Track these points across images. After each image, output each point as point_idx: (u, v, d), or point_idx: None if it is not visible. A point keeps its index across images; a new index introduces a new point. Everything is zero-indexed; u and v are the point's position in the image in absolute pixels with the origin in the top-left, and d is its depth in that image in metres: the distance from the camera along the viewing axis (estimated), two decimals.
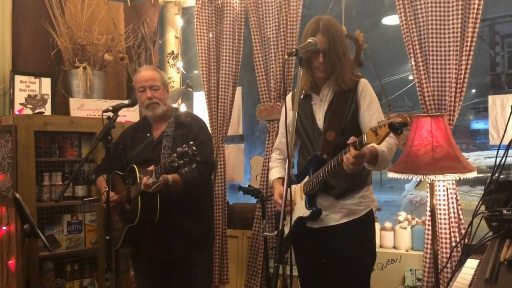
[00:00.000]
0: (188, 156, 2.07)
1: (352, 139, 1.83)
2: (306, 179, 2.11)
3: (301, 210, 2.10)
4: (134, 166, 2.46)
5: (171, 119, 2.58)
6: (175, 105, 3.54)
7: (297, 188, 2.16)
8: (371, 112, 2.07)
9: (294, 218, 2.12)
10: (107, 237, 2.31)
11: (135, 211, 2.38)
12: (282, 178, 2.25)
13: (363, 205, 2.11)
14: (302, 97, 2.19)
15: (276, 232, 2.19)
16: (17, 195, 2.57)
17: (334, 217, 2.10)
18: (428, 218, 2.82)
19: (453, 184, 2.78)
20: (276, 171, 2.33)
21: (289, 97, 2.31)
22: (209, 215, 2.74)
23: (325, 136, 2.09)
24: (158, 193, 2.36)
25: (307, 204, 2.08)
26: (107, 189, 2.31)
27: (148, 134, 2.61)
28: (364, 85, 2.11)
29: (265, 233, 3.21)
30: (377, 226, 3.16)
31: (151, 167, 2.28)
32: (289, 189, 2.17)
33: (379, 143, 1.71)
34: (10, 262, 2.92)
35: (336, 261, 2.11)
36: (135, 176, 2.42)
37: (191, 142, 2.11)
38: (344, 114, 2.08)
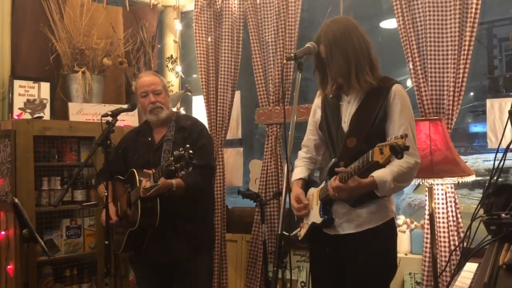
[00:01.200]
0: (184, 159, 2.07)
1: (341, 169, 1.84)
2: (323, 184, 2.05)
3: (315, 216, 2.05)
4: (134, 170, 2.47)
5: (172, 123, 2.59)
6: (174, 109, 3.55)
7: (314, 193, 2.10)
8: (399, 122, 1.93)
9: (309, 222, 2.09)
10: (106, 242, 2.32)
11: (135, 215, 2.39)
12: (303, 179, 2.18)
13: (381, 215, 2.01)
14: (331, 96, 2.10)
15: (294, 232, 2.15)
16: (16, 200, 2.57)
17: (348, 226, 2.01)
18: (426, 221, 2.82)
19: (451, 187, 2.78)
20: (299, 172, 2.21)
21: (319, 93, 2.20)
22: (210, 219, 2.75)
23: (345, 142, 1.99)
24: (158, 197, 2.37)
25: (321, 211, 2.02)
26: (106, 194, 2.32)
27: (149, 138, 2.62)
28: (397, 91, 1.96)
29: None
30: None
31: (150, 171, 2.28)
32: (305, 191, 2.16)
33: (383, 162, 1.65)
34: (8, 267, 2.91)
35: (350, 270, 2.03)
36: (134, 180, 2.43)
37: (188, 146, 2.12)
38: (370, 120, 1.96)
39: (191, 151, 2.09)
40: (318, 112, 2.20)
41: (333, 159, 2.02)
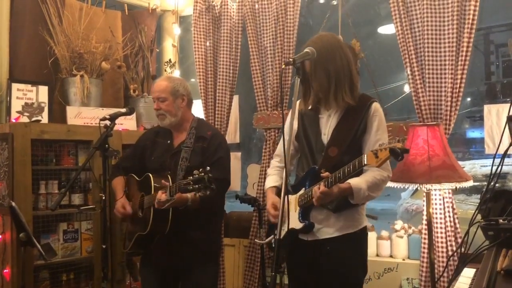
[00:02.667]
0: (203, 182, 2.09)
1: (326, 174, 1.90)
2: (301, 191, 2.09)
3: (294, 221, 2.08)
4: (150, 175, 2.47)
5: (192, 130, 2.58)
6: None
7: (292, 199, 2.14)
8: (377, 138, 2.04)
9: (286, 229, 2.10)
10: (104, 246, 2.31)
11: (146, 220, 2.40)
12: (277, 187, 2.24)
13: (357, 221, 2.11)
14: (310, 107, 2.16)
15: (268, 239, 2.20)
16: (13, 204, 2.56)
17: (327, 231, 2.08)
18: (424, 227, 2.82)
19: (449, 193, 2.79)
20: (272, 180, 2.29)
21: (296, 104, 2.23)
22: (218, 228, 2.76)
23: (327, 152, 2.07)
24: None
25: (300, 217, 2.06)
26: (103, 198, 2.32)
27: (168, 141, 2.62)
28: (377, 109, 2.08)
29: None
30: (374, 235, 3.17)
31: (167, 183, 2.29)
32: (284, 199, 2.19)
33: (378, 166, 1.74)
34: (5, 271, 2.90)
35: (328, 274, 2.09)
36: (149, 186, 2.44)
37: (208, 168, 2.12)
38: (351, 133, 2.06)
39: (210, 174, 2.10)
40: (294, 123, 2.22)
41: (313, 166, 2.07)
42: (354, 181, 1.94)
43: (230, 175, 2.63)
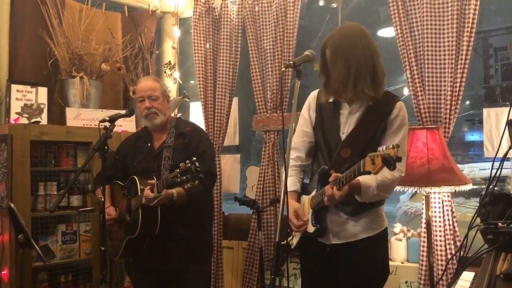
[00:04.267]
0: (191, 172, 2.07)
1: (334, 176, 1.82)
2: (314, 192, 2.04)
3: (308, 225, 2.04)
4: (135, 177, 2.45)
5: (172, 129, 2.57)
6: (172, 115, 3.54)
7: (306, 201, 2.09)
8: (394, 139, 1.94)
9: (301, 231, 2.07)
10: (102, 248, 2.30)
11: (135, 223, 2.38)
12: (295, 192, 2.14)
13: (377, 224, 2.04)
14: (331, 100, 2.06)
15: (288, 239, 2.13)
16: (12, 205, 2.56)
17: (345, 235, 2.02)
18: (423, 230, 2.82)
19: (448, 196, 2.79)
20: (291, 183, 2.14)
21: (314, 94, 2.15)
22: (209, 227, 2.75)
23: (339, 152, 1.99)
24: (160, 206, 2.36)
25: (313, 220, 2.01)
26: (102, 199, 2.31)
27: (148, 144, 2.61)
28: (401, 110, 1.97)
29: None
30: None
31: (153, 181, 2.28)
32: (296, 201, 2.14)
33: (375, 173, 1.65)
34: (3, 272, 2.89)
35: (347, 278, 2.04)
36: (136, 188, 2.42)
37: (194, 158, 2.10)
38: (369, 134, 1.96)
39: (197, 164, 2.07)
40: (312, 114, 2.15)
41: (323, 167, 2.02)
42: (363, 178, 1.85)
43: (215, 167, 2.60)
